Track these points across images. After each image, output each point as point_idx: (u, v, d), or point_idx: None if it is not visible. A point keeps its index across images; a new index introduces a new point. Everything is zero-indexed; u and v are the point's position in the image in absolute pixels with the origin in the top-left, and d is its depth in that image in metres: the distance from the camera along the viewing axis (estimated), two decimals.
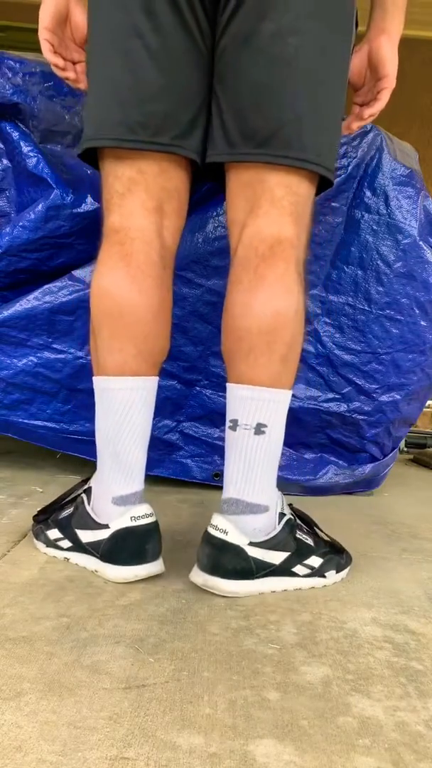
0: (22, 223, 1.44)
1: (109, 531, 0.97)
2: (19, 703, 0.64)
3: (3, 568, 0.99)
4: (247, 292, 0.98)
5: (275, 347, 0.97)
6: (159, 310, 1.02)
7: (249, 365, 0.98)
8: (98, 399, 1.02)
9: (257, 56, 0.95)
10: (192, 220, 1.46)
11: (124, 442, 1.00)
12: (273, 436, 0.98)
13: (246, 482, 0.98)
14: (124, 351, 0.99)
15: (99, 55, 1.00)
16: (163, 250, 1.03)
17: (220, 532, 0.96)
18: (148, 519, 0.98)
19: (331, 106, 1.00)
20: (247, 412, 0.97)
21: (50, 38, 1.07)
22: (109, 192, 1.02)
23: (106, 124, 0.99)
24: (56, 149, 1.45)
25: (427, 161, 2.12)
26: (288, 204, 0.99)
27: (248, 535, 0.96)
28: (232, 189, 1.03)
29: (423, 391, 1.67)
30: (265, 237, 0.98)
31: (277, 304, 0.97)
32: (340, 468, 1.64)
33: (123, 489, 1.00)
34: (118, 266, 0.99)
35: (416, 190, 1.53)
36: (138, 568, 0.96)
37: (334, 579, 1.02)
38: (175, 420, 1.56)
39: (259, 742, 0.61)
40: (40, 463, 1.71)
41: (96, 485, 1.04)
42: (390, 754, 0.60)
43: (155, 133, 0.98)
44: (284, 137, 0.96)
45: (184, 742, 0.60)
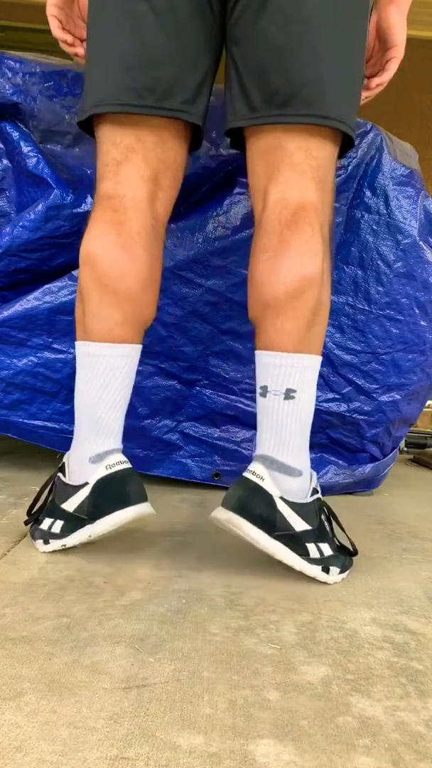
0: (22, 223, 1.44)
1: (89, 487, 0.99)
2: (19, 703, 0.64)
3: (3, 568, 0.99)
4: (273, 258, 0.98)
5: (302, 312, 0.97)
6: (148, 279, 1.03)
7: (276, 331, 0.98)
8: (82, 364, 1.03)
9: (275, 16, 0.95)
10: (192, 220, 1.46)
11: (106, 407, 1.01)
12: (303, 400, 0.98)
13: (279, 444, 0.98)
14: (111, 318, 1.00)
15: (103, 21, 1.00)
16: (155, 220, 1.04)
17: (257, 477, 0.96)
18: (123, 465, 1.00)
19: (351, 66, 1.00)
20: (276, 378, 0.98)
21: (58, 14, 1.08)
22: (105, 159, 1.03)
23: (113, 90, 0.99)
24: (56, 149, 1.45)
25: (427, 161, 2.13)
26: (309, 168, 0.99)
27: (282, 492, 0.96)
28: (253, 156, 1.04)
29: (423, 391, 1.67)
30: (288, 203, 0.98)
31: (304, 269, 0.97)
32: (340, 468, 1.64)
33: (100, 447, 1.01)
34: (110, 232, 1.00)
35: (416, 190, 1.53)
36: (124, 511, 0.97)
37: (335, 579, 1.02)
38: (175, 420, 1.56)
39: (259, 742, 0.61)
40: (40, 463, 1.71)
41: (72, 454, 1.05)
42: (390, 754, 0.60)
43: (162, 97, 0.98)
44: (305, 97, 0.96)
45: (184, 742, 0.60)
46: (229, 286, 1.48)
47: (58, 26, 1.09)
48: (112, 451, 1.02)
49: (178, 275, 1.47)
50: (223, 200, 1.46)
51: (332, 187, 1.04)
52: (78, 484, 1.01)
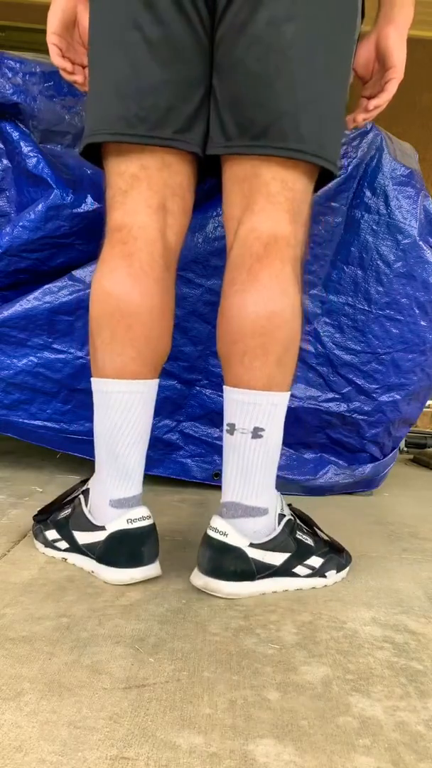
0: (22, 223, 1.44)
1: (105, 533, 0.97)
2: (19, 703, 0.64)
3: (3, 568, 0.99)
4: (241, 293, 0.96)
5: (270, 349, 0.95)
6: (161, 312, 1.00)
7: (245, 368, 0.96)
8: (96, 401, 1.01)
9: (252, 45, 0.92)
10: (192, 220, 1.46)
11: (123, 445, 0.99)
12: (271, 439, 0.97)
13: (245, 486, 0.97)
14: (124, 354, 0.98)
15: (98, 49, 0.99)
16: (166, 250, 1.01)
17: (220, 534, 0.95)
18: (144, 522, 0.97)
19: (332, 96, 0.97)
20: (243, 416, 0.96)
21: (58, 42, 1.07)
22: (112, 189, 1.01)
23: (105, 118, 0.98)
24: (56, 149, 1.45)
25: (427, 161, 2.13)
26: (284, 200, 0.96)
27: (248, 537, 0.95)
28: (228, 184, 1.01)
29: (423, 391, 1.67)
30: (260, 234, 0.96)
31: (272, 305, 0.95)
32: (340, 468, 1.64)
33: (121, 492, 0.99)
34: (120, 266, 0.98)
35: (416, 190, 1.53)
36: (134, 571, 0.96)
37: (335, 579, 1.02)
38: (175, 420, 1.56)
39: (259, 742, 0.61)
40: (40, 463, 1.71)
41: (93, 487, 1.03)
42: (390, 754, 0.60)
43: (155, 126, 0.96)
44: (281, 128, 0.94)
45: (184, 742, 0.60)
46: None
47: (58, 54, 1.07)
48: (134, 500, 1.00)
49: (178, 275, 1.46)
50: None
51: (306, 221, 1.02)
52: (96, 524, 1.00)
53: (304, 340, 1.54)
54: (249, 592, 0.95)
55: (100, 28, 0.98)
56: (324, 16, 0.93)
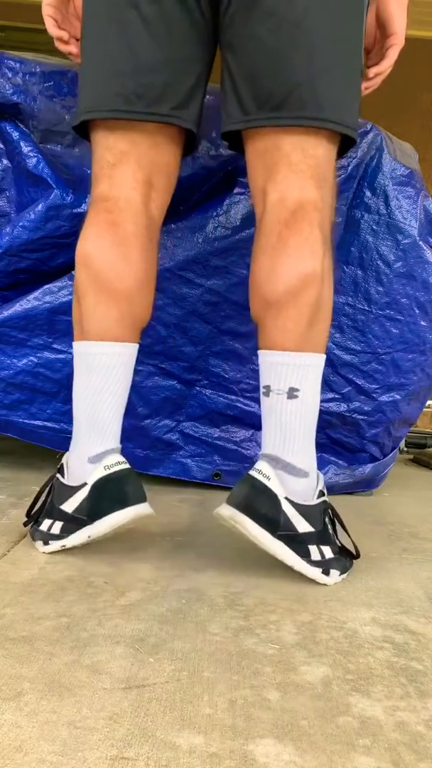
0: (22, 223, 1.44)
1: (87, 487, 0.99)
2: (19, 703, 0.64)
3: (3, 568, 0.99)
4: (272, 257, 0.98)
5: (303, 310, 0.97)
6: (144, 279, 1.04)
7: (278, 330, 0.98)
8: (79, 363, 1.03)
9: (266, 19, 0.94)
10: (192, 220, 1.46)
11: (104, 406, 1.01)
12: (307, 399, 0.98)
13: (284, 443, 0.98)
14: (108, 317, 1.01)
15: (94, 27, 1.01)
16: (150, 222, 1.04)
17: (263, 476, 0.96)
18: (121, 465, 0.99)
19: (347, 63, 0.99)
20: (278, 377, 0.98)
21: (53, 13, 1.09)
22: (100, 162, 1.03)
23: (102, 95, 1.00)
24: (56, 149, 1.45)
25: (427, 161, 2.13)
26: (307, 167, 0.98)
27: (287, 492, 0.96)
28: (251, 158, 1.04)
29: (423, 391, 1.67)
30: (287, 202, 0.98)
31: (302, 267, 0.97)
32: (340, 468, 1.64)
33: (98, 447, 1.01)
34: (106, 233, 1.01)
35: (416, 190, 1.53)
36: (123, 512, 0.97)
37: (335, 580, 1.02)
38: (175, 420, 1.56)
39: (259, 742, 0.61)
40: (40, 463, 1.71)
41: (71, 455, 1.05)
42: (390, 754, 0.60)
43: (152, 103, 0.99)
44: (299, 99, 0.96)
45: (184, 742, 0.60)
46: (229, 286, 1.48)
47: (53, 24, 1.10)
48: (110, 451, 1.02)
49: (178, 275, 1.47)
50: (223, 200, 1.46)
51: (332, 185, 1.04)
52: (77, 485, 1.01)
53: None
54: (267, 543, 0.95)
55: (95, 5, 1.00)
56: None
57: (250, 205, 1.45)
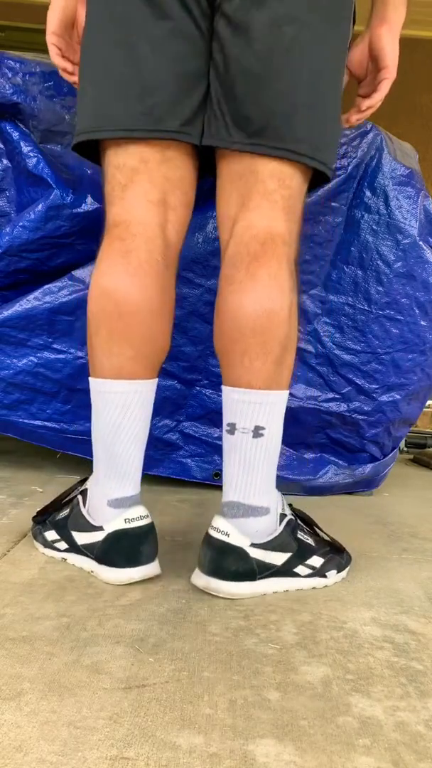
0: (22, 223, 1.44)
1: (103, 533, 0.97)
2: (19, 703, 0.64)
3: (3, 568, 0.99)
4: (240, 291, 0.96)
5: (270, 348, 0.95)
6: (159, 310, 0.99)
7: (244, 368, 0.96)
8: (94, 401, 1.00)
9: (252, 45, 0.93)
10: (192, 220, 1.46)
11: (121, 445, 0.98)
12: (271, 437, 0.97)
13: (246, 485, 0.97)
14: (121, 354, 0.97)
15: (97, 44, 0.98)
16: (166, 247, 1.00)
17: (222, 534, 0.95)
18: (142, 521, 0.97)
19: (328, 98, 0.98)
20: (244, 415, 0.96)
21: (58, 42, 1.07)
22: (111, 184, 1.00)
23: (109, 114, 0.97)
24: (56, 149, 1.45)
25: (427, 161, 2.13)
26: (280, 198, 0.97)
27: (250, 537, 0.95)
28: (224, 182, 1.01)
29: (423, 391, 1.67)
30: (257, 233, 0.96)
31: (271, 304, 0.95)
32: (340, 468, 1.64)
33: (118, 492, 0.99)
34: (118, 264, 0.97)
35: (416, 190, 1.53)
36: (132, 571, 0.96)
37: (335, 579, 1.02)
38: (175, 420, 1.56)
39: (259, 742, 0.61)
40: (40, 463, 1.71)
41: (92, 488, 1.03)
42: (390, 754, 0.60)
43: (160, 120, 0.96)
44: (278, 128, 0.94)
45: (184, 742, 0.60)
46: None
47: (57, 53, 1.07)
48: (132, 500, 1.00)
49: (178, 275, 1.47)
50: None
51: (300, 219, 1.02)
52: (94, 525, 0.99)
53: (303, 340, 1.55)
54: (251, 592, 0.95)
55: (99, 23, 0.98)
56: (323, 18, 0.94)
57: None
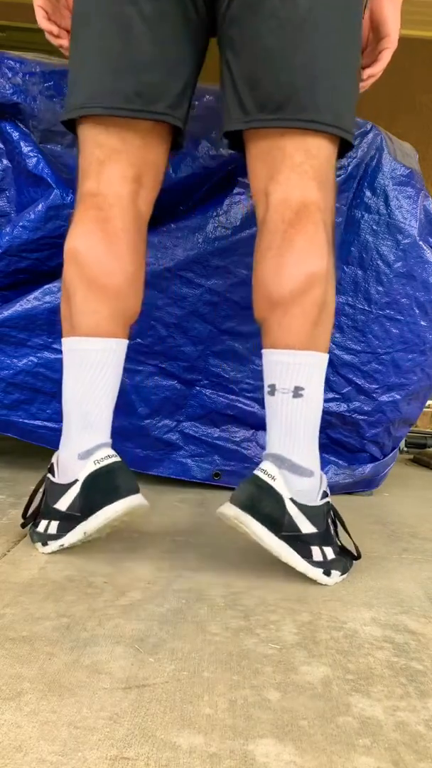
0: (22, 223, 1.44)
1: (78, 483, 0.99)
2: (19, 703, 0.64)
3: (3, 568, 0.99)
4: (278, 257, 0.98)
5: (309, 309, 0.97)
6: (133, 274, 1.04)
7: (284, 329, 0.98)
8: (69, 360, 1.04)
9: (268, 21, 0.94)
10: (192, 220, 1.46)
11: (95, 402, 1.01)
12: (312, 398, 0.98)
13: (289, 442, 0.98)
14: (98, 312, 1.01)
15: (90, 22, 1.00)
16: (138, 218, 1.05)
17: (268, 477, 0.96)
18: (111, 459, 0.99)
19: (346, 67, 1.00)
20: (284, 376, 0.98)
21: (44, 5, 1.09)
22: (89, 159, 1.04)
23: (100, 92, 1.00)
24: (56, 149, 1.45)
25: (427, 161, 2.13)
26: (309, 168, 0.99)
27: (292, 493, 0.96)
28: (252, 159, 1.04)
29: (423, 391, 1.67)
30: (291, 202, 0.99)
31: (309, 266, 0.97)
32: (340, 468, 1.64)
33: (88, 443, 1.01)
34: (95, 230, 1.01)
35: (416, 190, 1.53)
36: (115, 505, 0.96)
37: (335, 581, 1.01)
38: (175, 420, 1.56)
39: (259, 742, 0.61)
40: (40, 463, 1.70)
41: (61, 452, 1.05)
42: (390, 754, 0.60)
43: (150, 101, 0.99)
44: (299, 101, 0.96)
45: (184, 742, 0.60)
46: (229, 286, 1.48)
47: (44, 17, 1.11)
48: (100, 446, 1.02)
49: (178, 275, 1.47)
50: (223, 200, 1.46)
51: (333, 187, 1.04)
52: (68, 482, 1.01)
53: None
54: (270, 543, 0.95)
55: (92, 2, 1.00)
56: None
57: (250, 205, 1.45)
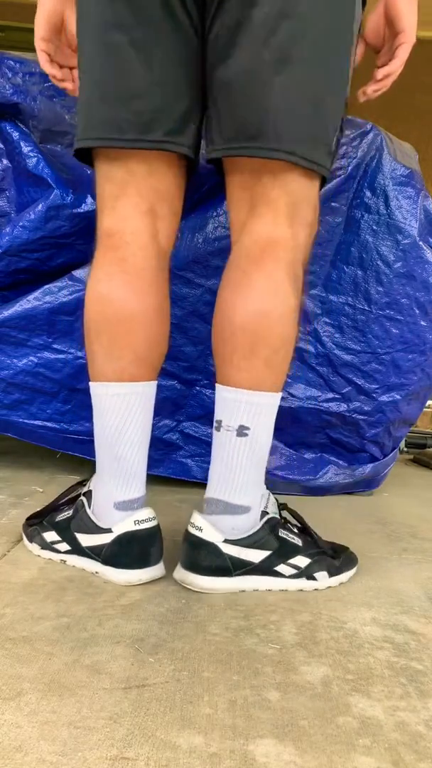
0: (22, 223, 1.44)
1: (112, 535, 0.97)
2: (19, 703, 0.64)
3: (3, 568, 0.99)
4: (233, 292, 0.97)
5: (258, 349, 0.95)
6: (157, 314, 1.00)
7: (233, 367, 0.96)
8: (96, 405, 1.01)
9: (249, 44, 0.90)
10: (192, 220, 1.46)
11: (124, 448, 0.99)
12: (256, 438, 0.97)
13: (227, 483, 0.98)
14: (123, 357, 0.98)
15: (84, 52, 0.98)
16: (158, 253, 1.01)
17: (196, 529, 0.97)
18: (151, 523, 0.98)
19: (330, 98, 0.96)
20: (229, 413, 0.97)
21: (46, 48, 1.05)
22: (102, 194, 1.01)
23: (93, 123, 0.97)
24: (56, 149, 1.45)
25: (427, 161, 2.13)
26: (283, 205, 0.96)
27: (225, 533, 0.96)
28: (233, 188, 1.01)
29: (423, 391, 1.67)
30: (258, 239, 0.96)
31: (260, 305, 0.94)
32: (340, 468, 1.64)
33: (125, 494, 1.00)
34: (115, 271, 0.98)
35: (416, 190, 1.53)
36: (142, 572, 0.96)
37: (328, 583, 1.00)
38: (175, 420, 1.56)
39: (259, 742, 0.61)
40: (40, 463, 1.71)
41: (97, 490, 1.03)
42: (390, 754, 0.60)
43: (144, 130, 0.95)
44: (275, 131, 0.92)
45: (184, 742, 0.60)
46: None
47: (47, 60, 1.07)
48: (139, 501, 1.00)
49: (178, 275, 1.47)
50: (223, 200, 1.46)
51: (310, 223, 1.01)
52: (101, 527, 0.99)
53: (303, 340, 1.55)
54: (226, 588, 0.95)
55: (84, 30, 0.97)
56: (325, 12, 0.91)
57: None
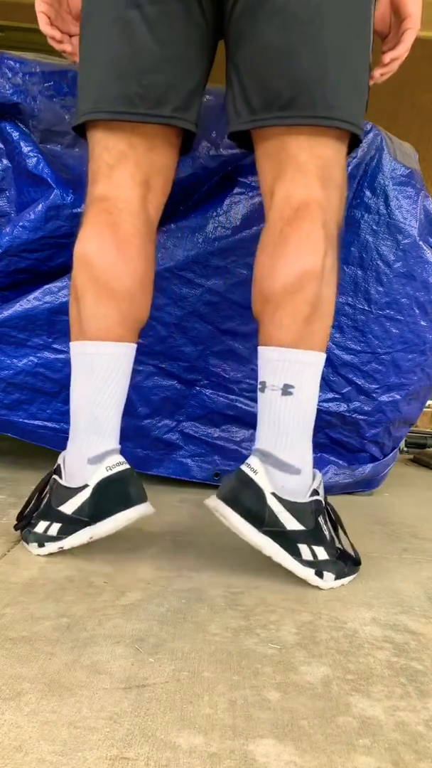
0: (22, 223, 1.44)
1: (89, 489, 0.99)
2: (19, 703, 0.64)
3: (3, 568, 0.99)
4: (272, 254, 0.99)
5: (299, 307, 0.97)
6: (143, 278, 1.04)
7: (275, 326, 0.98)
8: (78, 364, 1.04)
9: (275, 18, 0.94)
10: (192, 220, 1.46)
11: (104, 406, 1.01)
12: (302, 397, 0.98)
13: (276, 439, 0.98)
14: (108, 317, 1.01)
15: (95, 26, 1.01)
16: (148, 222, 1.05)
17: (251, 470, 0.96)
18: (122, 466, 1.00)
19: (356, 61, 0.99)
20: (273, 373, 0.98)
21: (47, 10, 1.09)
22: (98, 162, 1.04)
23: (105, 96, 1.00)
24: (56, 149, 1.45)
25: (427, 161, 2.12)
26: (314, 167, 0.99)
27: (275, 488, 0.96)
28: (260, 158, 1.05)
29: (423, 391, 1.67)
30: (292, 201, 0.99)
31: (301, 263, 0.97)
32: (340, 468, 1.64)
33: (98, 448, 1.01)
34: (105, 233, 1.01)
35: (416, 190, 1.53)
36: (128, 512, 0.98)
37: (330, 585, 0.99)
38: (175, 420, 1.56)
39: (259, 742, 0.61)
40: (40, 463, 1.70)
41: (70, 455, 1.05)
42: (390, 754, 0.60)
43: (155, 105, 0.99)
44: (308, 98, 0.96)
45: (184, 742, 0.60)
46: (229, 286, 1.48)
47: (46, 22, 1.11)
48: (110, 452, 1.02)
49: (178, 275, 1.47)
50: (223, 200, 1.46)
51: (340, 185, 1.04)
52: (77, 486, 1.01)
53: None
54: (249, 537, 0.95)
55: (96, 5, 1.00)
56: None
57: (250, 205, 1.45)
